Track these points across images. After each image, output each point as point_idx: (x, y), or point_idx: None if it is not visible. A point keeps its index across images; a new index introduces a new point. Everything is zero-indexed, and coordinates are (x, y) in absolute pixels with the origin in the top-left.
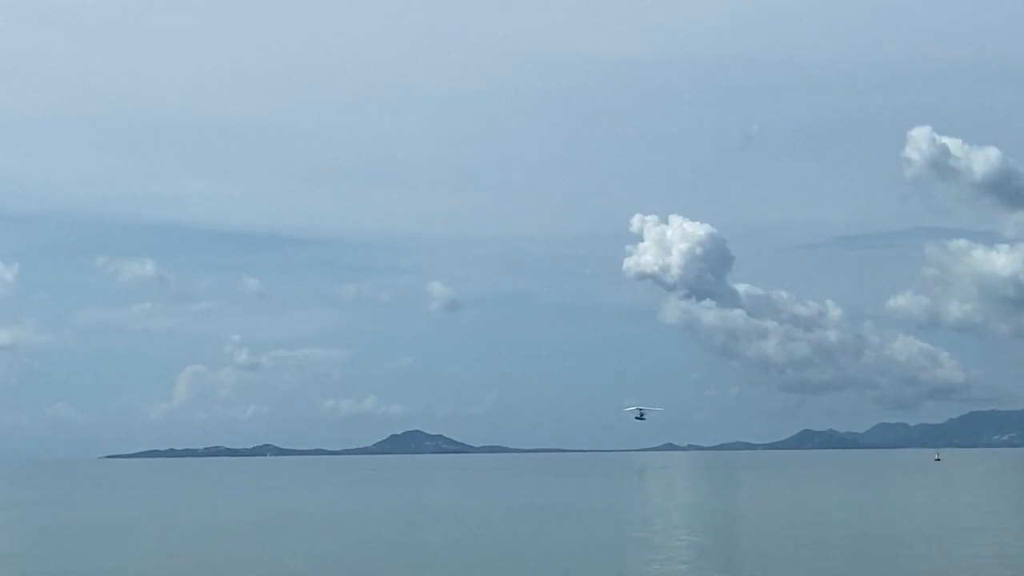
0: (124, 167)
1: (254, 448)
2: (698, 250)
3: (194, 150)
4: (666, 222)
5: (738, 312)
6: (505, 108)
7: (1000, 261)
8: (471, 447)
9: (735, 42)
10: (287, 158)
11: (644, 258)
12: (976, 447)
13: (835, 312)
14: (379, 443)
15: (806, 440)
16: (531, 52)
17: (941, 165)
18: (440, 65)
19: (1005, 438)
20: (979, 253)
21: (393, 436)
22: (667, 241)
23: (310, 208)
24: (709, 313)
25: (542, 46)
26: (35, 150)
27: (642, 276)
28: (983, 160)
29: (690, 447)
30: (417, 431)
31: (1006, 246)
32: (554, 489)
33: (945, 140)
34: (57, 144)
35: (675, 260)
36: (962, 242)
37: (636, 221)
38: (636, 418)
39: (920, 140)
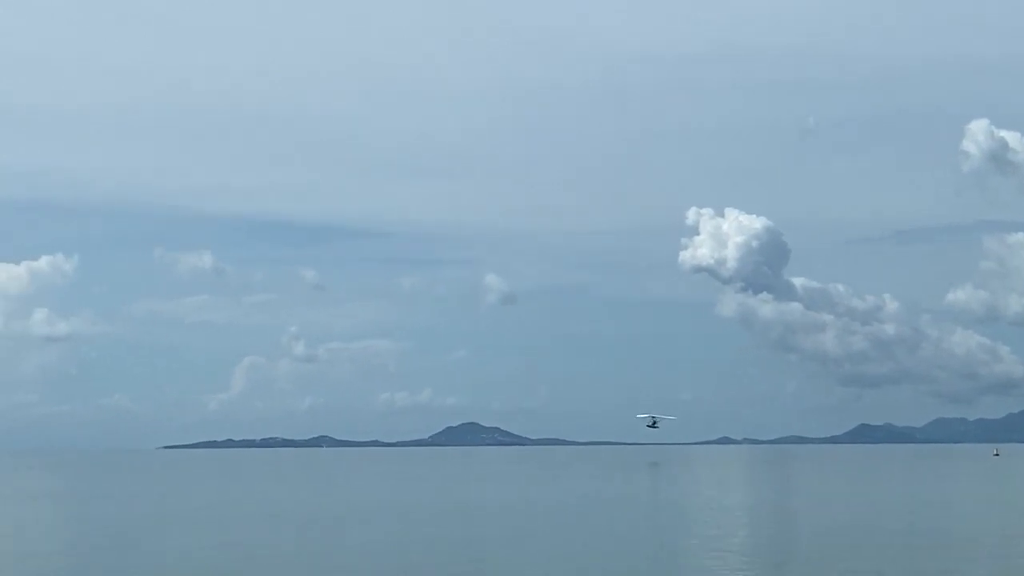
0: (182, 159)
1: (310, 439)
2: (754, 243)
3: (253, 142)
4: (722, 215)
5: (795, 305)
6: (563, 101)
7: None
8: (527, 439)
9: (793, 35)
10: (345, 150)
11: (700, 251)
12: None
13: (892, 306)
14: (435, 435)
15: (863, 434)
16: (588, 45)
17: (999, 158)
18: (501, 58)
19: None
20: None
21: (449, 428)
22: (723, 234)
23: (367, 200)
24: (766, 306)
25: (598, 39)
26: (95, 143)
27: (698, 269)
28: None
29: (746, 441)
30: (473, 423)
31: None
32: (608, 482)
33: (1003, 133)
34: (116, 137)
35: (731, 253)
36: (1021, 235)
37: (692, 214)
38: (648, 426)
39: (978, 133)
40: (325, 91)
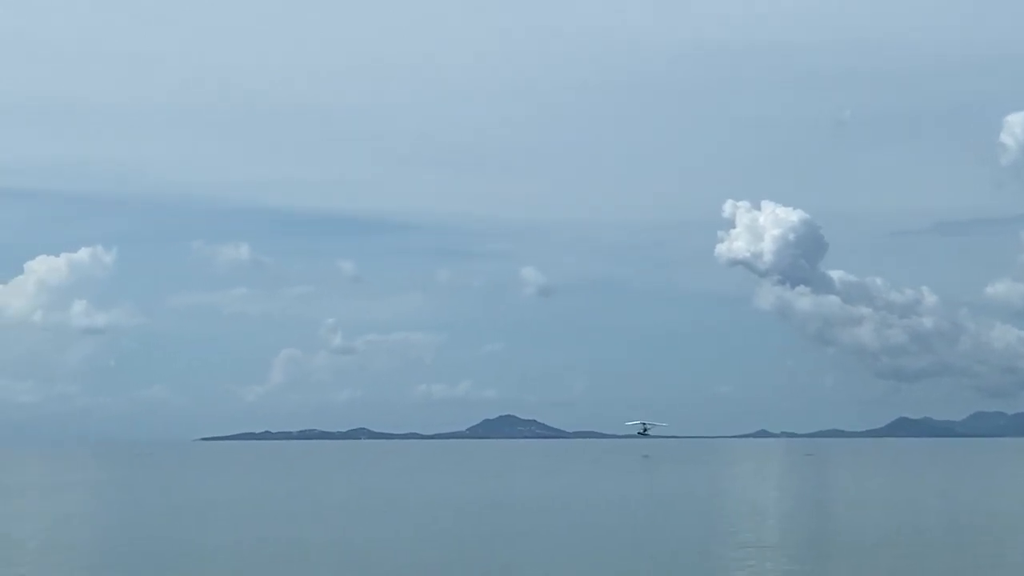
0: (220, 152)
1: (348, 432)
2: (791, 236)
3: (289, 135)
4: (758, 208)
5: (832, 299)
6: (599, 95)
7: None
8: (564, 432)
9: (827, 27)
10: (382, 143)
11: (736, 244)
12: None
13: (931, 299)
14: (472, 427)
15: (902, 428)
16: (624, 38)
17: None
18: (536, 52)
19: None
20: None
21: (486, 421)
22: (759, 227)
23: (404, 192)
24: (803, 299)
25: (634, 32)
26: (134, 136)
27: (734, 262)
28: None
29: (783, 434)
30: (510, 416)
31: None
32: (648, 476)
33: None
34: (155, 130)
35: (767, 246)
36: None
37: (728, 207)
38: (639, 433)
39: (1016, 126)
40: (364, 84)
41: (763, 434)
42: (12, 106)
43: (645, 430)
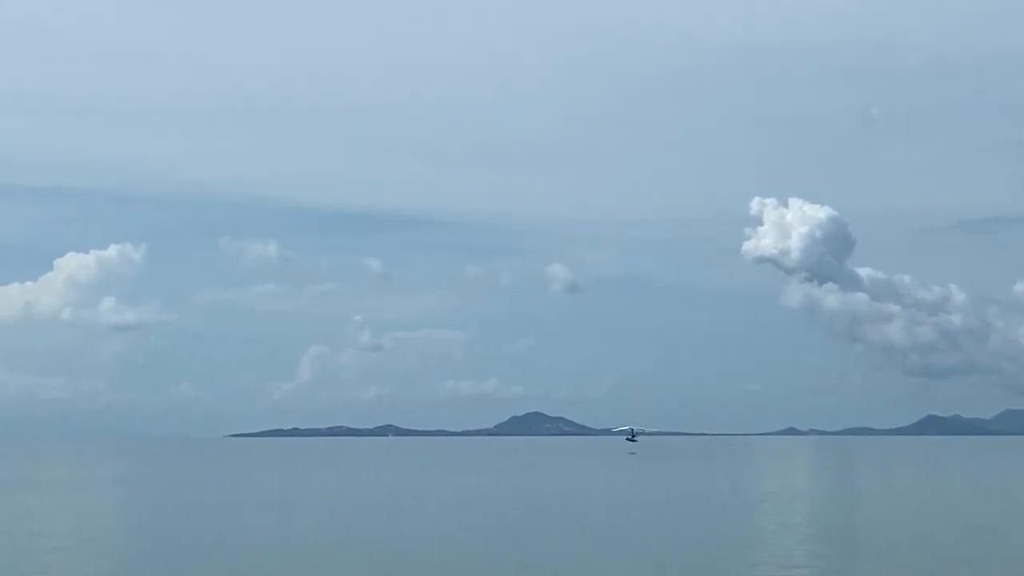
0: (248, 149)
1: (376, 428)
2: (818, 233)
3: (316, 132)
4: (786, 205)
5: (860, 296)
6: (626, 90)
7: None
8: (591, 429)
9: (855, 25)
10: (411, 140)
11: (763, 241)
12: None
13: (959, 296)
14: (500, 424)
15: (931, 426)
16: (651, 35)
17: None
18: (562, 48)
19: None
20: None
21: (514, 418)
22: (787, 224)
23: (431, 189)
24: (831, 297)
25: (662, 28)
26: (163, 134)
27: (761, 260)
28: None
29: (812, 432)
30: (538, 413)
31: None
32: (674, 473)
33: None
34: (183, 128)
35: (795, 243)
36: None
37: (755, 204)
38: (628, 439)
39: None
40: (393, 82)
41: (792, 432)
42: (41, 104)
43: (633, 435)
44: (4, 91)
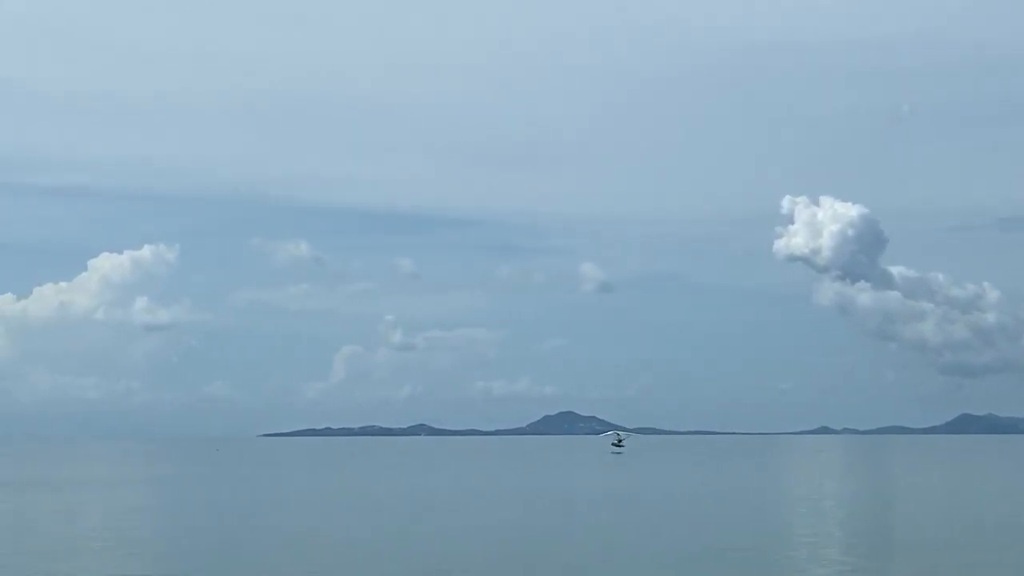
0: (279, 149)
1: (409, 428)
2: (850, 231)
3: (348, 131)
4: (817, 203)
5: (893, 294)
6: (658, 88)
7: None
8: (624, 428)
9: (886, 22)
10: (442, 139)
11: (795, 240)
12: None
13: (993, 294)
14: (532, 424)
15: (965, 424)
16: (683, 32)
17: None
18: (593, 46)
19: None
20: None
21: (547, 417)
22: (818, 223)
23: (463, 189)
24: (863, 295)
25: (694, 26)
26: (196, 134)
27: (792, 258)
28: None
29: (845, 431)
30: (570, 412)
31: None
32: (709, 472)
33: None
34: (215, 127)
35: (826, 242)
36: None
37: (786, 203)
38: (613, 444)
39: None
40: (422, 81)
41: (825, 430)
42: (75, 104)
43: (619, 441)
44: (39, 92)
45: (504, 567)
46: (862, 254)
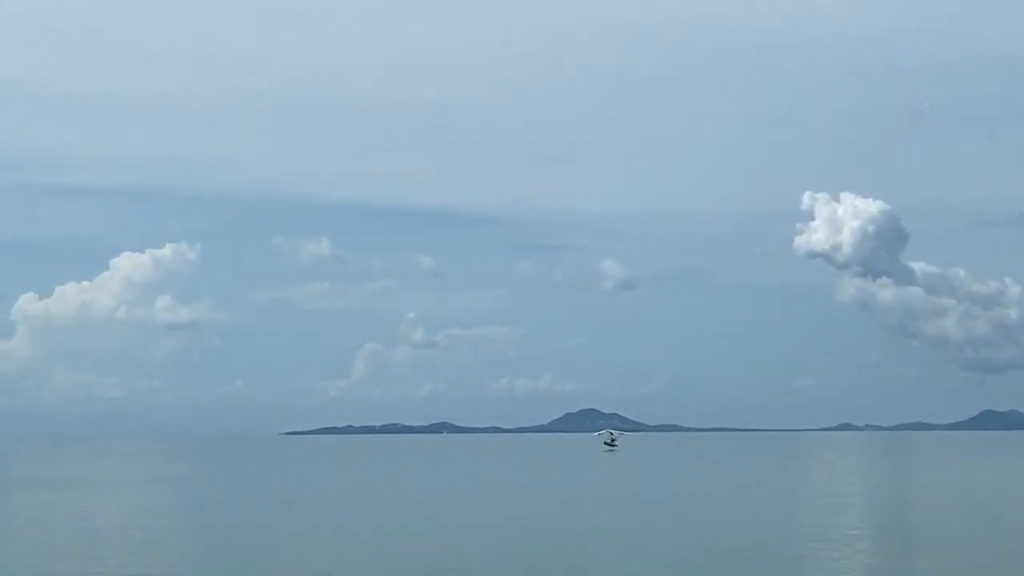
0: (300, 147)
1: (430, 425)
2: (870, 228)
3: (369, 129)
4: (837, 200)
5: (914, 290)
6: (677, 86)
7: None
8: (645, 425)
9: (906, 18)
10: (462, 136)
11: (815, 236)
12: None
13: (1015, 290)
14: (554, 421)
15: (988, 421)
16: (702, 29)
17: None
18: (613, 43)
19: None
20: None
21: (568, 414)
22: (838, 219)
23: (483, 186)
24: (885, 291)
25: (713, 23)
26: (216, 132)
27: (813, 255)
28: None
29: (868, 427)
30: (592, 409)
31: None
32: (730, 470)
33: None
34: (237, 126)
35: (846, 238)
36: None
37: (807, 199)
38: (606, 443)
39: None
40: (442, 78)
41: (847, 427)
42: (97, 104)
43: (612, 440)
44: (59, 91)
45: (514, 566)
46: (883, 250)
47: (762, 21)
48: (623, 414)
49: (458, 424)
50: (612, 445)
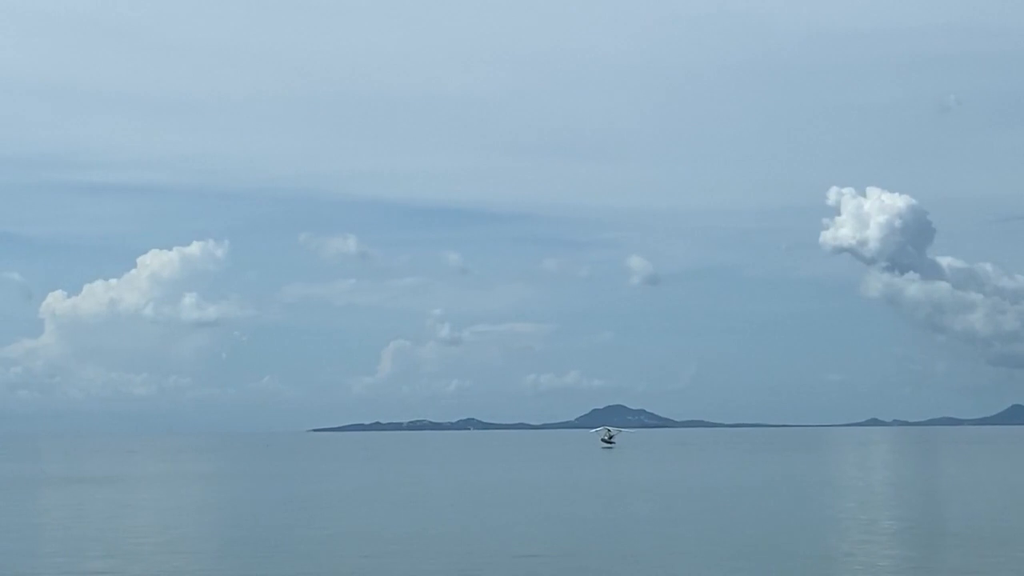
0: (327, 144)
1: (457, 422)
2: (897, 222)
3: (395, 126)
4: (864, 194)
5: (942, 285)
6: (703, 80)
7: None
8: (673, 421)
9: (931, 12)
10: (489, 133)
11: (841, 231)
12: None
13: None
14: (581, 417)
15: (1017, 415)
16: (731, 24)
17: None
18: (641, 39)
19: None
20: None
21: (595, 410)
22: (865, 214)
23: (509, 183)
24: (912, 286)
25: (741, 18)
26: (243, 129)
27: (839, 250)
28: None
29: (895, 422)
30: (619, 405)
31: None
32: (758, 464)
33: None
34: (263, 124)
35: (873, 233)
36: None
37: (833, 194)
38: (603, 439)
39: None
40: (468, 74)
41: (874, 422)
42: (124, 102)
43: (610, 438)
44: (88, 91)
45: (552, 561)
46: (910, 245)
47: (788, 17)
48: (650, 410)
49: (485, 420)
50: (609, 443)
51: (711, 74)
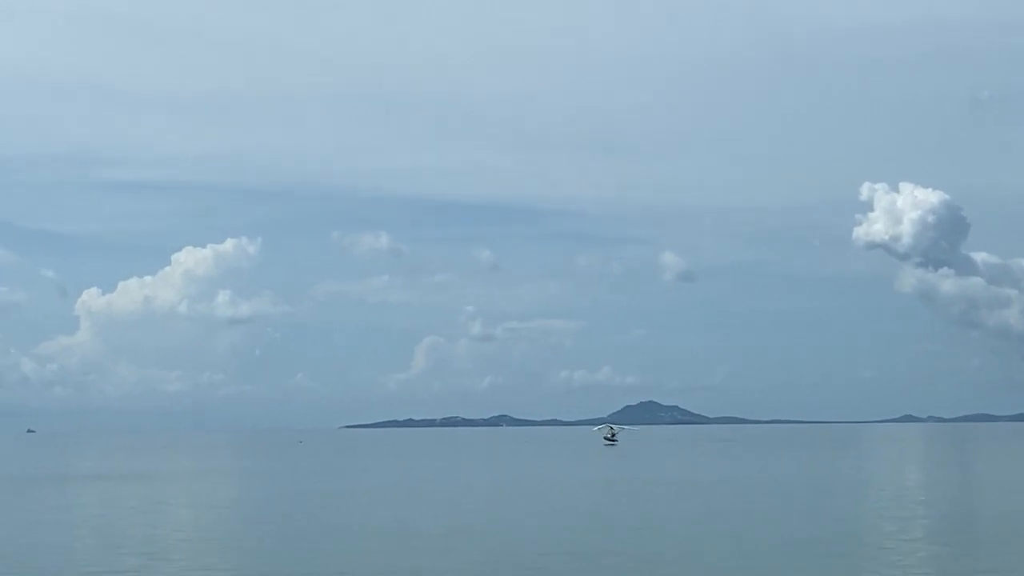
0: (360, 142)
1: (490, 418)
2: (930, 218)
3: (428, 123)
4: (896, 190)
5: (976, 280)
6: (735, 77)
7: None
8: (706, 418)
9: (963, 5)
10: (519, 130)
11: (874, 227)
12: None
13: None
14: (613, 414)
15: None
16: (761, 19)
17: None
18: (673, 34)
19: None
20: None
21: (628, 407)
22: (898, 209)
23: (542, 179)
24: (947, 282)
25: (772, 12)
26: (276, 127)
27: (872, 245)
28: None
29: (930, 419)
30: (652, 402)
31: None
32: (789, 461)
33: None
34: (296, 121)
35: (906, 229)
36: None
37: (865, 189)
38: (606, 437)
39: None
40: (501, 71)
41: (909, 419)
42: (158, 99)
43: (612, 435)
44: (121, 87)
45: (583, 558)
46: (943, 240)
47: (819, 9)
48: (683, 407)
49: (517, 417)
50: (612, 440)
51: (745, 71)
